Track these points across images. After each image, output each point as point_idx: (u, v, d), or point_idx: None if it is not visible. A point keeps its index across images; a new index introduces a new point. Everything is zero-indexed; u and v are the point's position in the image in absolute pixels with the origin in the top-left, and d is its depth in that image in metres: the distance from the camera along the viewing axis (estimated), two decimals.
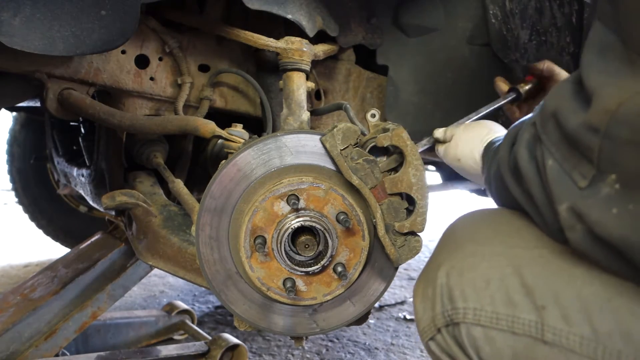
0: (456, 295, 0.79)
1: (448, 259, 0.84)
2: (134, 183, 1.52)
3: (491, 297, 0.76)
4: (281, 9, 1.29)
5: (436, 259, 0.88)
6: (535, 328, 0.72)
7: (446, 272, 0.82)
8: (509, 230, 0.84)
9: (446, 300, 0.81)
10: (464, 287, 0.79)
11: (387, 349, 2.14)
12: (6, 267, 3.41)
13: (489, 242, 0.83)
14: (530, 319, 0.73)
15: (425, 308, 0.85)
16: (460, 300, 0.79)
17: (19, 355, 1.48)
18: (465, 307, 0.78)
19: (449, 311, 0.80)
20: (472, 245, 0.84)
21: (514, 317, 0.74)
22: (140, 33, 1.39)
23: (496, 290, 0.76)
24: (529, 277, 0.75)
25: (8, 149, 3.13)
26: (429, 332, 0.84)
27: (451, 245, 0.88)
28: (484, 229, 0.87)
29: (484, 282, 0.78)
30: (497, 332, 0.75)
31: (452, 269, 0.82)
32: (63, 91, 1.34)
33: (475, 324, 0.77)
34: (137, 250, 1.37)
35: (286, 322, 1.06)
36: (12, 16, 0.93)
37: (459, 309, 0.78)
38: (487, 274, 0.78)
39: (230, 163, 1.00)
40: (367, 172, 0.98)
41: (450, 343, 0.81)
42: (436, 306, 0.82)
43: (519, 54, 1.61)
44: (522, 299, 0.74)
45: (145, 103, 1.47)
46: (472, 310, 0.77)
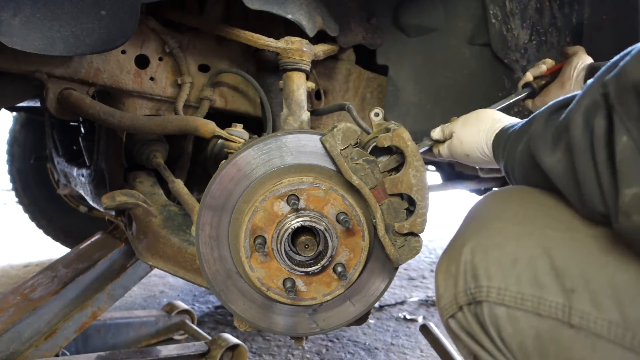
0: (480, 274, 0.77)
1: (474, 236, 0.81)
2: (134, 183, 1.52)
3: (517, 277, 0.74)
4: (281, 9, 1.29)
5: (461, 235, 0.85)
6: (562, 311, 0.71)
7: (471, 249, 0.80)
8: (540, 209, 0.81)
9: (470, 278, 0.79)
10: (489, 266, 0.77)
11: (387, 349, 2.14)
12: (6, 267, 3.41)
13: (518, 221, 0.80)
14: (557, 302, 0.71)
15: (448, 285, 0.82)
16: (484, 278, 0.77)
17: (19, 355, 1.48)
18: (489, 285, 0.76)
19: (472, 289, 0.78)
20: (499, 223, 0.81)
21: (541, 298, 0.72)
22: (140, 33, 1.39)
23: (523, 271, 0.74)
24: (559, 260, 0.73)
25: (8, 149, 3.13)
26: (450, 309, 0.82)
27: (477, 222, 0.85)
28: (513, 207, 0.83)
29: (510, 261, 0.76)
30: (522, 312, 0.74)
31: (477, 246, 0.79)
32: (63, 91, 1.34)
33: (498, 303, 0.75)
34: (137, 250, 1.37)
35: (286, 322, 1.06)
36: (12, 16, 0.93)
37: (483, 287, 0.77)
38: (515, 253, 0.76)
39: (230, 163, 1.00)
40: (367, 172, 0.98)
41: (471, 321, 0.80)
42: (459, 283, 0.80)
43: (519, 54, 1.61)
44: (551, 281, 0.72)
45: (145, 103, 1.47)
46: (496, 290, 0.76)
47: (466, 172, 3.00)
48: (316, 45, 1.45)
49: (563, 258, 0.73)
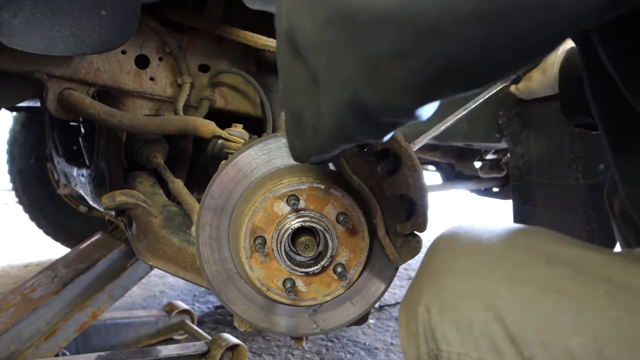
0: (438, 336, 0.76)
1: (427, 292, 0.79)
2: (134, 183, 1.53)
3: (476, 342, 0.72)
4: None
5: (416, 289, 0.83)
6: None
7: (427, 308, 0.78)
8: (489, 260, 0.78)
9: (430, 339, 0.77)
10: (445, 328, 0.75)
11: (387, 349, 2.14)
12: (6, 267, 3.41)
13: (468, 275, 0.77)
14: None
15: (410, 344, 0.81)
16: (443, 342, 0.75)
17: (19, 355, 1.48)
18: (448, 350, 0.74)
19: (434, 350, 0.76)
20: (450, 279, 0.78)
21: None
22: (140, 33, 1.39)
23: (480, 336, 0.72)
24: (512, 324, 0.70)
25: (8, 149, 3.13)
26: None
27: (430, 274, 0.82)
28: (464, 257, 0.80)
29: (466, 325, 0.73)
30: None
31: (431, 305, 0.77)
32: (63, 91, 1.34)
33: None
34: (137, 250, 1.37)
35: (286, 322, 1.06)
36: (12, 16, 0.93)
37: (443, 351, 0.75)
38: (469, 316, 0.73)
39: (230, 163, 1.00)
40: (367, 172, 0.98)
41: None
42: (421, 345, 0.78)
43: None
44: (508, 348, 0.70)
45: (145, 103, 1.47)
46: (456, 355, 0.74)
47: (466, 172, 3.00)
48: None
49: (517, 320, 0.70)
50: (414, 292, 0.83)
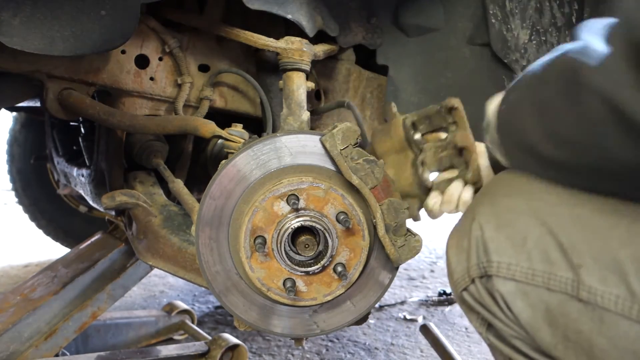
0: (491, 249, 0.80)
1: (483, 213, 0.83)
2: (134, 183, 1.52)
3: (528, 254, 0.77)
4: (281, 9, 1.29)
5: (471, 212, 0.86)
6: (572, 286, 0.73)
7: (481, 225, 0.82)
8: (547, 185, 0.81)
9: (481, 252, 0.81)
10: (500, 242, 0.79)
11: (387, 349, 2.14)
12: (6, 267, 3.41)
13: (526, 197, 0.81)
14: (567, 277, 0.74)
15: (460, 259, 0.85)
16: (495, 253, 0.79)
17: (19, 355, 1.48)
18: (499, 261, 0.79)
19: (483, 263, 0.81)
20: (508, 200, 0.82)
21: (551, 274, 0.75)
22: (140, 33, 1.39)
23: (533, 248, 0.77)
24: (566, 236, 0.75)
25: (8, 149, 3.12)
26: (463, 282, 0.85)
27: (487, 198, 0.86)
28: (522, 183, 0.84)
29: (520, 238, 0.78)
30: (532, 287, 0.76)
31: (487, 222, 0.82)
32: (63, 91, 1.34)
33: (508, 278, 0.78)
34: (137, 250, 1.37)
35: (286, 323, 1.06)
36: (12, 16, 0.93)
37: (493, 262, 0.79)
38: (524, 230, 0.78)
39: (230, 163, 1.00)
40: (367, 172, 0.98)
41: (483, 294, 0.82)
42: (471, 257, 0.82)
43: (519, 54, 1.61)
44: (559, 257, 0.75)
45: (145, 103, 1.47)
46: (506, 265, 0.78)
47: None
48: (316, 45, 1.45)
49: (570, 234, 0.75)
50: (468, 215, 0.87)
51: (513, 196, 0.82)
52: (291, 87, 1.30)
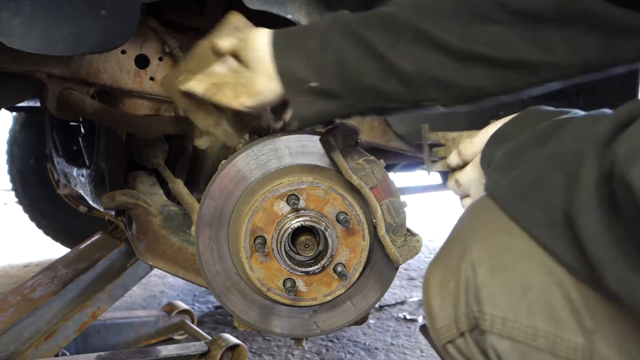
0: (484, 297, 0.66)
1: (475, 249, 0.69)
2: (134, 183, 1.53)
3: (529, 307, 0.63)
4: (281, 9, 1.29)
5: (459, 245, 0.72)
6: (583, 354, 0.61)
7: (472, 266, 0.68)
8: None
9: (472, 300, 0.67)
10: (494, 289, 0.66)
11: (387, 349, 2.14)
12: (6, 267, 3.41)
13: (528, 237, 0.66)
14: (577, 342, 0.61)
15: (445, 304, 0.71)
16: (488, 304, 0.66)
17: (19, 355, 1.48)
18: (493, 314, 0.65)
19: (474, 313, 0.67)
20: (506, 238, 0.67)
21: (556, 335, 0.62)
22: (140, 33, 1.39)
23: (535, 301, 0.63)
24: (577, 292, 0.62)
25: (8, 149, 3.12)
26: (449, 334, 0.71)
27: (479, 231, 0.71)
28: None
29: (520, 288, 0.64)
30: (533, 349, 0.63)
31: (479, 263, 0.67)
32: (63, 91, 1.34)
33: (503, 336, 0.65)
34: (137, 250, 1.37)
35: (286, 323, 1.06)
36: (12, 16, 0.93)
37: (486, 314, 0.66)
38: (525, 278, 0.64)
39: (229, 163, 1.00)
40: (367, 172, 0.98)
41: (475, 352, 0.69)
42: (460, 305, 0.69)
43: None
44: (568, 316, 0.62)
45: (145, 103, 1.47)
46: (501, 320, 0.65)
47: None
48: None
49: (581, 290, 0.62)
50: (455, 248, 0.72)
51: (512, 233, 0.66)
52: None
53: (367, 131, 1.74)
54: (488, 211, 0.72)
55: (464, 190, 0.89)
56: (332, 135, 0.97)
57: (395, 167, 2.56)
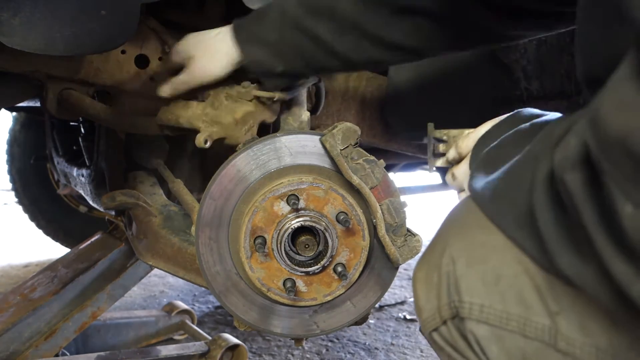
0: (463, 287, 0.73)
1: (455, 245, 0.76)
2: (134, 183, 1.52)
3: (501, 294, 0.70)
4: None
5: (441, 242, 0.79)
6: (549, 334, 0.67)
7: (452, 260, 0.75)
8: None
9: (453, 290, 0.74)
10: (471, 280, 0.72)
11: (387, 349, 2.14)
12: (6, 267, 3.41)
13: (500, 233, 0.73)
14: (543, 323, 0.67)
15: (429, 296, 0.78)
16: (466, 293, 0.72)
17: (19, 355, 1.48)
18: (471, 302, 0.72)
19: (455, 302, 0.74)
20: (481, 234, 0.74)
21: (526, 319, 0.68)
22: (140, 33, 1.38)
23: (507, 288, 0.70)
24: (542, 279, 0.68)
25: (8, 149, 3.13)
26: (433, 322, 0.78)
27: (458, 229, 0.79)
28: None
29: (494, 277, 0.71)
30: (507, 332, 0.70)
31: (459, 257, 0.74)
32: (63, 91, 1.34)
33: (481, 321, 0.71)
34: (137, 250, 1.37)
35: (286, 323, 1.06)
36: (11, 16, 0.93)
37: (465, 302, 0.72)
38: (498, 269, 0.71)
39: (229, 164, 1.00)
40: (367, 172, 0.98)
41: (456, 337, 0.75)
42: (442, 295, 0.75)
43: (519, 54, 1.61)
44: (536, 301, 0.68)
45: (145, 103, 1.47)
46: (478, 307, 0.71)
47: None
48: None
49: (546, 277, 0.68)
50: (437, 245, 0.79)
51: (488, 230, 0.73)
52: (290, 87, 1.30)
53: (367, 131, 1.74)
54: (466, 210, 0.80)
55: (458, 184, 0.94)
56: (332, 135, 0.97)
57: (395, 167, 2.56)
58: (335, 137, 0.97)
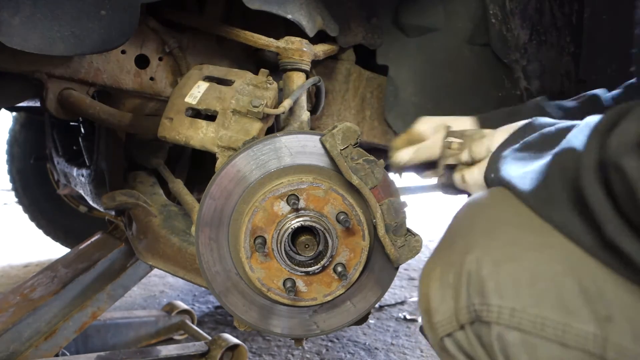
0: (489, 289, 0.65)
1: (480, 243, 0.68)
2: (134, 183, 1.53)
3: (538, 297, 0.62)
4: (281, 9, 1.29)
5: (463, 239, 0.71)
6: (595, 342, 0.60)
7: (477, 259, 0.67)
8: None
9: (474, 292, 0.66)
10: (501, 281, 0.64)
11: (387, 349, 2.14)
12: (6, 267, 3.41)
13: (534, 229, 0.66)
14: (589, 331, 0.60)
15: (445, 297, 0.70)
16: (494, 295, 0.64)
17: (19, 355, 1.48)
18: (500, 305, 0.64)
19: (476, 305, 0.66)
20: (512, 229, 0.67)
21: (567, 325, 0.61)
22: (140, 33, 1.39)
23: (545, 290, 0.62)
24: (589, 280, 0.61)
25: (8, 149, 3.13)
26: (448, 326, 0.70)
27: (483, 224, 0.71)
28: (528, 210, 0.68)
29: (528, 278, 0.63)
30: (541, 340, 0.62)
31: (485, 255, 0.66)
32: (63, 91, 1.34)
33: (512, 327, 0.63)
34: (137, 250, 1.37)
35: (286, 323, 1.06)
36: (11, 16, 0.93)
37: (492, 306, 0.64)
38: (534, 268, 0.63)
39: (229, 164, 1.00)
40: (367, 172, 0.98)
41: (475, 344, 0.68)
42: (461, 297, 0.67)
43: (519, 54, 1.61)
44: (581, 305, 0.61)
45: (145, 103, 1.47)
46: (508, 311, 0.64)
47: None
48: (316, 45, 1.45)
49: (594, 278, 0.61)
50: (458, 244, 0.71)
51: (518, 225, 0.67)
52: (291, 87, 1.30)
53: (367, 131, 1.74)
54: (491, 206, 0.73)
55: (466, 188, 0.92)
56: (332, 135, 0.97)
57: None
58: (335, 137, 0.97)
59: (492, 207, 0.73)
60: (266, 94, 1.12)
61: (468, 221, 0.75)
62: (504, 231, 0.68)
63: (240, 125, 1.10)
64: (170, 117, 1.15)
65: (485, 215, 0.73)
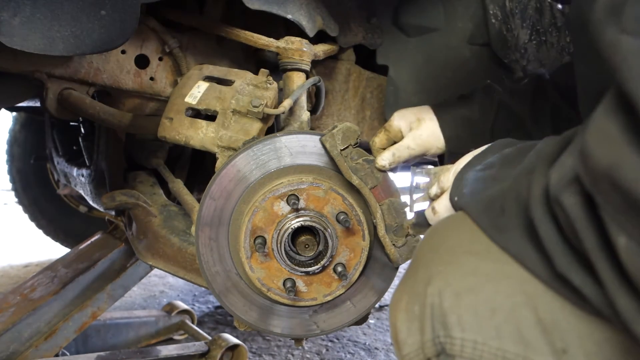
0: (452, 322, 0.66)
1: (441, 272, 0.69)
2: (134, 183, 1.53)
3: (497, 329, 0.63)
4: (281, 9, 1.29)
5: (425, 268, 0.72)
6: None
7: (438, 290, 0.67)
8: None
9: (438, 325, 0.67)
10: (462, 313, 0.65)
11: (387, 349, 2.14)
12: (6, 267, 3.41)
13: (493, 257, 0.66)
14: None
15: (411, 330, 0.70)
16: (456, 328, 0.65)
17: (19, 355, 1.48)
18: (463, 337, 0.65)
19: (440, 338, 0.67)
20: (472, 260, 0.68)
21: (526, 358, 0.61)
22: (140, 33, 1.38)
23: (504, 322, 0.63)
24: (545, 311, 0.61)
25: (8, 149, 3.13)
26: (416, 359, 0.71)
27: (444, 254, 0.71)
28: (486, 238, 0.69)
29: (488, 310, 0.64)
30: None
31: (446, 287, 0.67)
32: (63, 91, 1.34)
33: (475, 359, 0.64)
34: (137, 250, 1.37)
35: (286, 323, 1.06)
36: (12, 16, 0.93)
37: (455, 339, 0.65)
38: (493, 300, 0.64)
39: (229, 164, 1.00)
40: (367, 172, 0.98)
41: None
42: (426, 330, 0.68)
43: (519, 54, 1.61)
44: (538, 337, 0.61)
45: (145, 103, 1.47)
46: (471, 343, 0.64)
47: None
48: (316, 45, 1.45)
49: (551, 309, 0.61)
50: (419, 271, 0.72)
51: (477, 254, 0.67)
52: (291, 87, 1.30)
53: (367, 131, 1.74)
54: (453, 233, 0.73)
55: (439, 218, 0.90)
56: (332, 135, 0.97)
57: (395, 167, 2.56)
58: (335, 137, 0.97)
59: (452, 235, 0.73)
60: (266, 94, 1.12)
61: (430, 249, 0.75)
62: (464, 261, 0.68)
63: (240, 125, 1.09)
64: (170, 117, 1.15)
65: (445, 244, 0.73)
